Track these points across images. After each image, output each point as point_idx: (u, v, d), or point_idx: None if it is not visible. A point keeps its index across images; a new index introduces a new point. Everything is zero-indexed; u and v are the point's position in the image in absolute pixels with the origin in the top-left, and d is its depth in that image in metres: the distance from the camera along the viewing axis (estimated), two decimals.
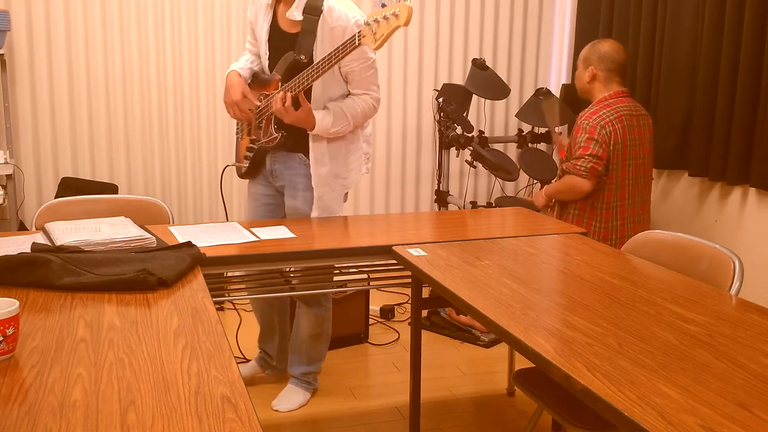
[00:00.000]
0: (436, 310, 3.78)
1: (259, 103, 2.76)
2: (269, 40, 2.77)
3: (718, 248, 2.14)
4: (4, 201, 3.60)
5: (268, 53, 2.78)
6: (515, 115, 4.33)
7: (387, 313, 3.93)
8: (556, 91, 4.48)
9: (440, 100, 3.94)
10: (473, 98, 4.23)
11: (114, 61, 3.95)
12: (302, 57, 2.62)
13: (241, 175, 2.94)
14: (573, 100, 3.94)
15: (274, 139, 2.71)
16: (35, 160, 3.93)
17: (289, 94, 2.57)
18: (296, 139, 2.72)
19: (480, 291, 1.88)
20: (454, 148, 4.01)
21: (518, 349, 1.59)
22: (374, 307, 3.92)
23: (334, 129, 2.67)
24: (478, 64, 4.09)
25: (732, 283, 2.03)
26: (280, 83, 2.67)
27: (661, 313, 1.73)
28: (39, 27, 3.82)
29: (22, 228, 3.77)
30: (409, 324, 3.78)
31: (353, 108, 2.69)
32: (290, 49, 2.66)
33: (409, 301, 4.06)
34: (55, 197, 3.70)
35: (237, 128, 2.98)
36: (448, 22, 4.46)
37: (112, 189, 3.94)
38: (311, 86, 2.63)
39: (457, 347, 3.58)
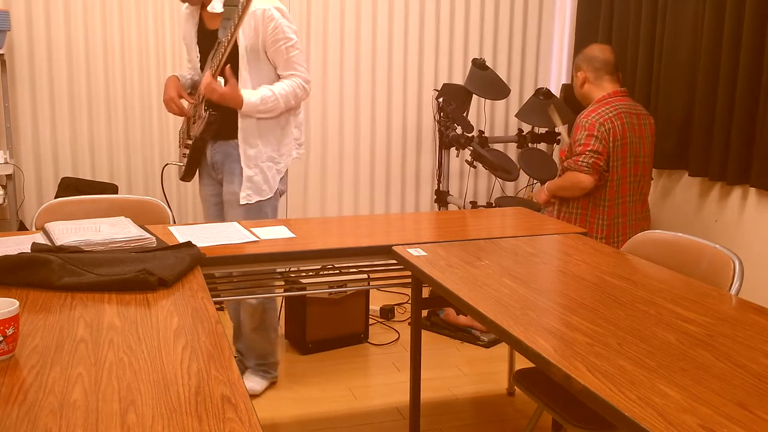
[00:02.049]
0: (436, 311, 3.78)
1: (192, 101, 2.85)
2: (198, 42, 2.86)
3: (718, 248, 2.14)
4: (4, 201, 3.60)
5: (199, 55, 2.86)
6: (515, 115, 4.33)
7: (387, 313, 3.93)
8: (556, 91, 4.48)
9: (440, 100, 3.94)
10: (473, 98, 4.23)
11: (114, 61, 3.95)
12: (224, 39, 2.66)
13: (181, 177, 2.99)
14: (573, 100, 3.94)
15: (203, 119, 2.75)
16: (35, 160, 3.93)
17: (209, 70, 2.65)
18: (230, 124, 2.77)
19: (480, 291, 1.88)
20: (454, 148, 4.01)
21: (518, 349, 1.59)
22: (374, 307, 3.92)
23: (264, 107, 2.72)
24: (478, 64, 4.09)
25: (732, 283, 2.03)
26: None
27: (661, 313, 1.73)
28: (39, 27, 3.82)
29: (22, 228, 3.77)
30: (409, 324, 3.78)
31: (281, 87, 2.75)
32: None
33: (409, 301, 4.06)
34: (55, 197, 3.70)
35: (179, 135, 3.03)
36: (448, 22, 4.46)
37: (112, 189, 3.94)
38: (239, 72, 2.71)
39: (457, 347, 3.58)
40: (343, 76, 4.33)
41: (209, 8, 2.75)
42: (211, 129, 2.77)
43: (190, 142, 2.87)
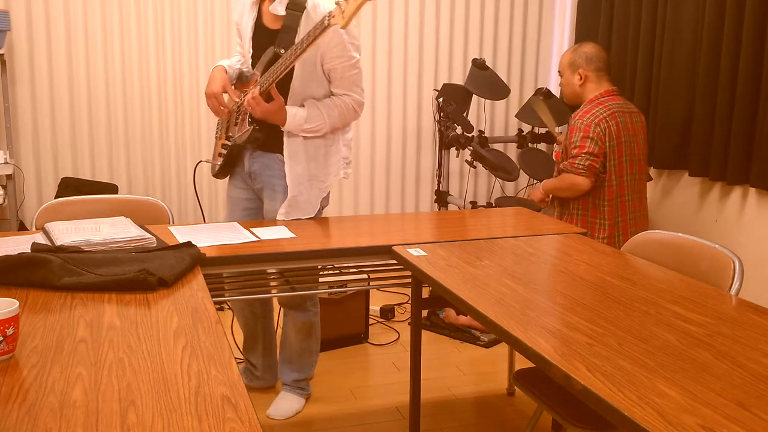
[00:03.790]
0: (436, 311, 3.78)
1: (237, 99, 2.72)
2: (253, 37, 2.72)
3: (718, 248, 2.14)
4: (4, 201, 3.60)
5: (251, 51, 2.72)
6: (515, 115, 4.33)
7: (387, 313, 3.93)
8: (556, 91, 4.48)
9: (440, 100, 3.94)
10: (473, 98, 4.23)
11: (114, 61, 3.95)
12: (281, 50, 2.56)
13: (215, 174, 2.88)
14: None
15: (246, 132, 2.65)
16: (35, 160, 3.93)
17: (258, 87, 2.53)
18: (274, 138, 2.66)
19: (480, 291, 1.88)
20: (454, 148, 4.01)
21: (518, 349, 1.59)
22: (374, 307, 3.92)
23: (308, 126, 2.60)
24: (478, 64, 4.09)
25: (732, 283, 2.03)
26: (259, 79, 2.63)
27: (661, 313, 1.73)
28: (39, 27, 3.82)
29: (22, 228, 3.77)
30: (409, 324, 3.78)
31: (330, 107, 2.63)
32: (272, 45, 2.62)
33: (409, 301, 4.06)
34: (55, 197, 3.70)
35: (217, 128, 2.93)
36: (448, 22, 4.46)
37: (112, 189, 3.94)
38: (291, 83, 2.59)
39: (457, 347, 3.58)
40: None
41: (270, 8, 2.61)
42: (255, 143, 2.67)
43: (228, 143, 2.76)
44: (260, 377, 3.05)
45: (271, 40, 2.64)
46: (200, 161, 2.99)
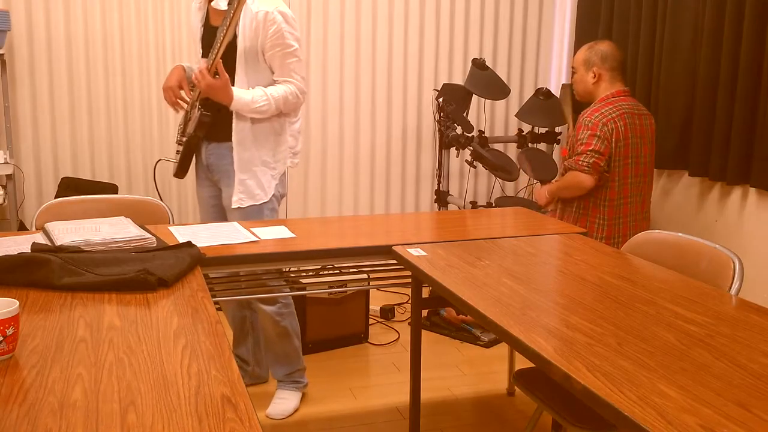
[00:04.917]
0: (436, 310, 3.78)
1: (191, 95, 2.83)
2: (202, 38, 2.85)
3: (718, 248, 2.14)
4: (4, 201, 3.60)
5: (201, 51, 2.85)
6: (515, 115, 4.33)
7: (387, 313, 3.93)
8: (556, 91, 4.48)
9: (440, 100, 3.94)
10: (473, 98, 4.23)
11: (114, 61, 3.95)
12: (220, 35, 2.64)
13: (175, 173, 2.96)
14: (573, 100, 3.94)
15: (195, 119, 2.74)
16: (35, 160, 3.93)
17: (204, 61, 2.66)
18: (224, 126, 2.75)
19: (480, 291, 1.88)
20: (454, 148, 4.01)
21: (518, 349, 1.59)
22: (374, 307, 3.92)
23: (255, 105, 2.70)
24: (478, 64, 4.09)
25: (732, 283, 2.03)
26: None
27: (661, 313, 1.73)
28: (39, 27, 3.82)
29: (22, 228, 3.77)
30: (409, 324, 3.78)
31: (274, 90, 2.73)
32: None
33: (409, 301, 4.06)
34: (55, 197, 3.70)
35: (178, 129, 3.01)
36: (448, 22, 4.46)
37: (112, 189, 3.94)
38: (236, 73, 2.70)
39: (457, 347, 3.58)
40: (343, 76, 4.33)
41: (213, 4, 2.74)
42: (203, 128, 2.75)
43: (184, 139, 2.86)
44: (251, 372, 3.11)
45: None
46: (159, 160, 3.03)
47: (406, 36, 4.41)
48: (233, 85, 2.69)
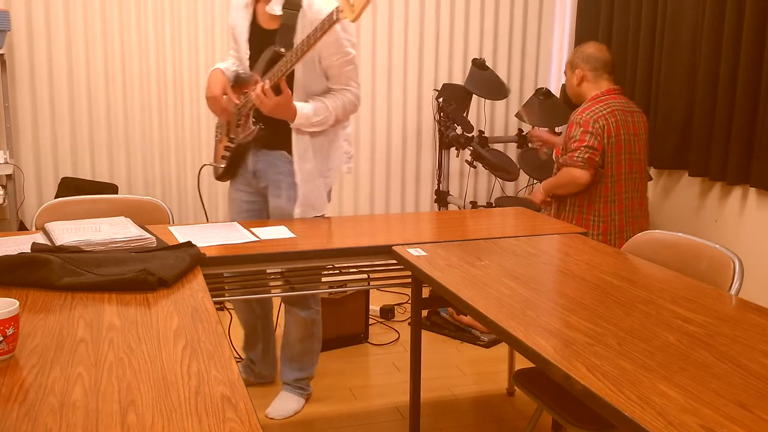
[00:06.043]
0: (436, 310, 3.78)
1: (237, 102, 2.74)
2: (249, 39, 2.74)
3: (718, 248, 2.14)
4: (4, 201, 3.60)
5: (248, 52, 2.74)
6: (515, 115, 4.33)
7: (387, 313, 3.93)
8: (556, 91, 4.48)
9: (440, 100, 3.94)
10: (473, 98, 4.23)
11: (114, 61, 3.95)
12: (282, 49, 2.58)
13: (218, 177, 2.90)
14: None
15: (251, 133, 2.68)
16: (35, 160, 3.93)
17: (267, 81, 2.55)
18: (278, 136, 2.68)
19: (480, 291, 1.88)
20: (454, 148, 4.01)
21: (518, 349, 1.59)
22: (374, 307, 3.92)
23: (316, 119, 2.63)
24: (478, 64, 4.09)
25: (732, 283, 2.03)
26: (259, 79, 2.64)
27: (661, 313, 1.73)
28: (39, 27, 3.82)
29: (22, 228, 3.77)
30: (409, 324, 3.78)
31: (333, 101, 2.67)
32: (270, 45, 2.63)
33: (409, 301, 4.06)
34: (55, 197, 3.70)
35: (216, 130, 2.95)
36: (448, 22, 4.46)
37: (112, 189, 3.94)
38: (294, 81, 2.62)
39: (457, 347, 3.58)
40: None
41: (267, 8, 2.63)
42: (259, 142, 2.70)
43: (231, 145, 2.78)
44: (259, 373, 3.10)
45: (268, 40, 2.65)
46: (204, 165, 2.99)
47: (406, 36, 4.41)
48: (291, 93, 2.60)
